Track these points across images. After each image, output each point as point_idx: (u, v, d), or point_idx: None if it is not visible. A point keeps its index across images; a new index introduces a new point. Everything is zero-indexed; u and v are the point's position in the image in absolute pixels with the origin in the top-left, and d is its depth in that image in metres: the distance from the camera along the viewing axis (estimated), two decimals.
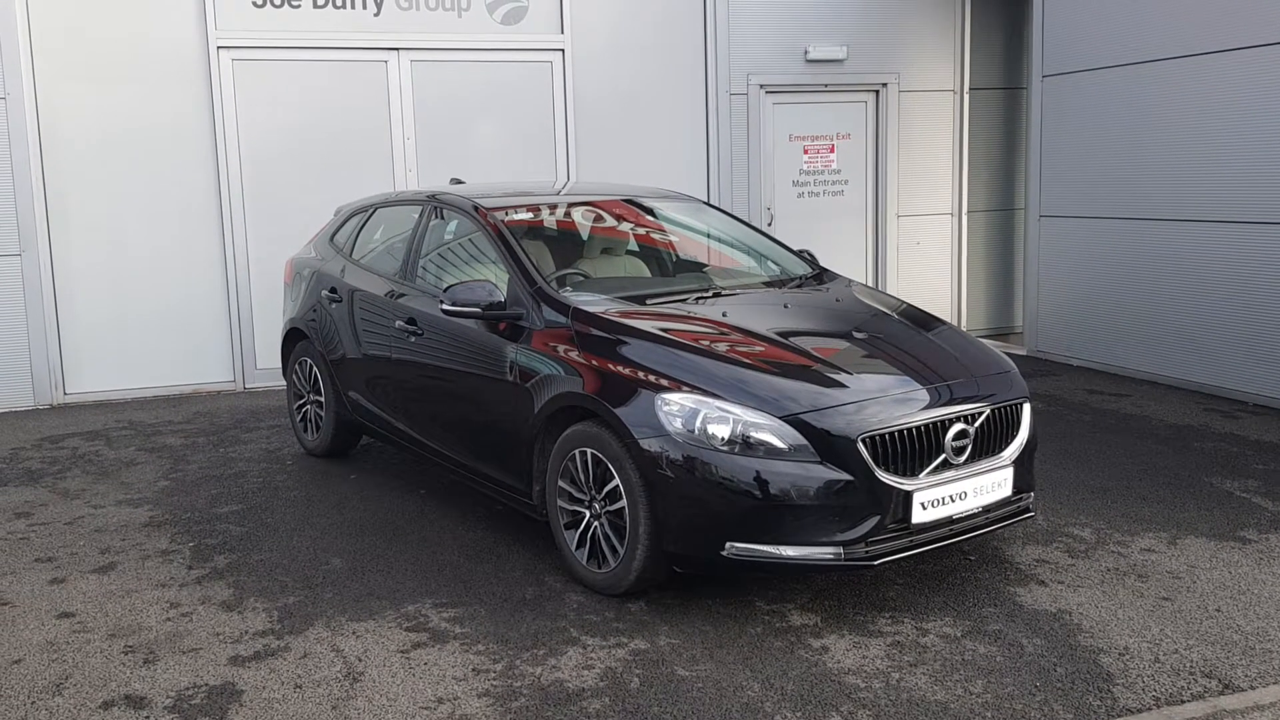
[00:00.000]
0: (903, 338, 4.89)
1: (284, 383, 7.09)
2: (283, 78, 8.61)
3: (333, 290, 6.29)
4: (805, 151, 10.09)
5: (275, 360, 7.46)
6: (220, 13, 8.38)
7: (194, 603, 4.47)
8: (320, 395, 6.48)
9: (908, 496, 4.08)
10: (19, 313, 8.10)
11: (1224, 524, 5.15)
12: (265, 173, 8.65)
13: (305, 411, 6.69)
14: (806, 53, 9.78)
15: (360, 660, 3.93)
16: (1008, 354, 5.57)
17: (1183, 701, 3.56)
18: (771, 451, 4.02)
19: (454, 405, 5.31)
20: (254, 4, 8.44)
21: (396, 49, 8.81)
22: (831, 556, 4.03)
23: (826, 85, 9.98)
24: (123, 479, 6.28)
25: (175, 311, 8.55)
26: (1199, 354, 7.89)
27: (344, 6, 8.63)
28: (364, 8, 8.68)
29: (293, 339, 6.81)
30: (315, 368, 6.49)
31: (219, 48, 8.39)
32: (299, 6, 8.53)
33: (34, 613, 4.41)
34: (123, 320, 8.45)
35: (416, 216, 6.00)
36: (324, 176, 8.68)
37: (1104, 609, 4.24)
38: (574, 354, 4.54)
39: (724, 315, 4.82)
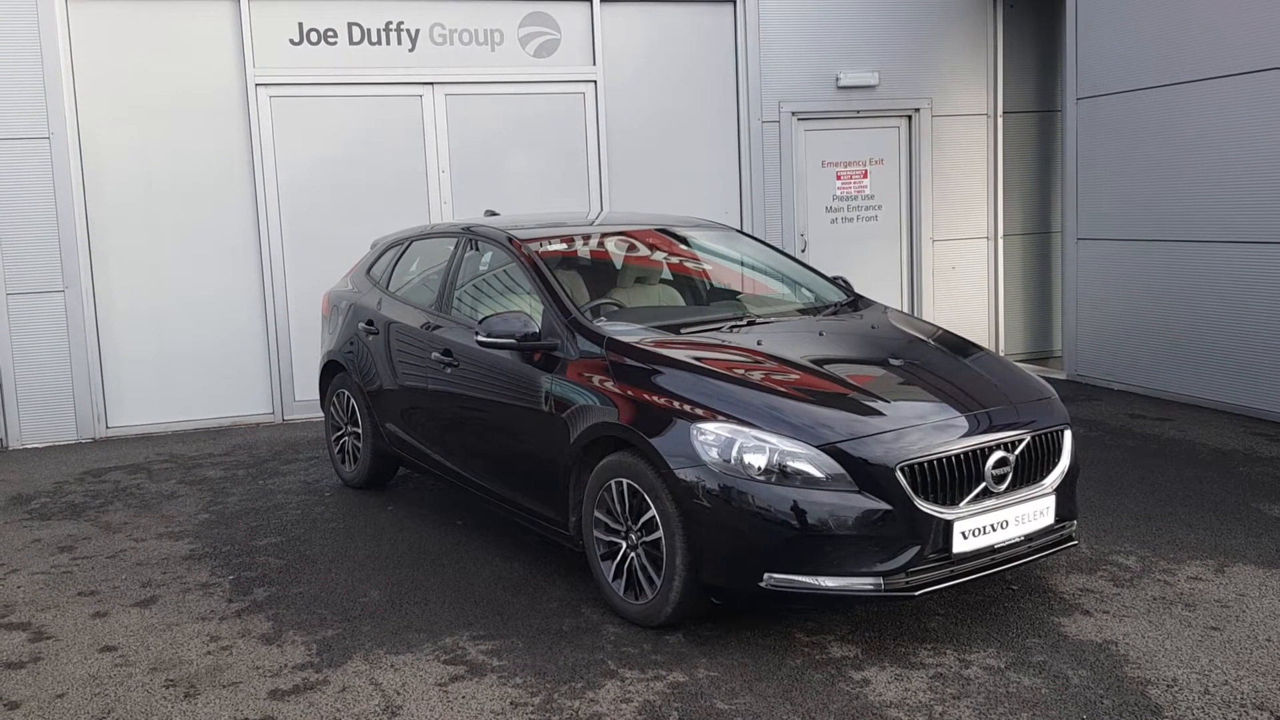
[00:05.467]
0: (940, 364, 4.85)
1: (322, 415, 7.15)
2: (320, 114, 8.73)
3: (369, 323, 6.34)
4: (838, 177, 10.08)
5: (313, 392, 7.52)
6: (258, 51, 8.52)
7: (234, 636, 4.49)
8: (358, 427, 6.52)
9: (948, 526, 4.04)
10: (62, 347, 8.23)
11: (1272, 551, 5.04)
12: (303, 207, 8.77)
13: (343, 443, 6.74)
14: (838, 79, 9.79)
15: (399, 693, 3.92)
16: (1047, 379, 5.51)
17: None
18: (809, 481, 3.99)
19: (490, 436, 5.32)
20: (291, 42, 8.58)
21: (431, 83, 8.92)
22: (871, 587, 3.98)
23: (859, 111, 9.98)
24: (164, 512, 6.34)
25: (215, 345, 8.66)
26: (1242, 376, 7.77)
27: (379, 43, 8.76)
28: (399, 43, 8.80)
29: (330, 371, 6.87)
30: (353, 400, 6.54)
31: (257, 85, 8.53)
32: (335, 43, 8.66)
33: (77, 647, 4.45)
34: (163, 354, 8.56)
35: (452, 249, 6.05)
36: (361, 210, 8.78)
37: (1151, 639, 4.16)
38: (609, 384, 4.54)
39: (759, 344, 4.81)
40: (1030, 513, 4.28)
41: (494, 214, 6.94)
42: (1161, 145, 8.28)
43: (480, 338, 5.03)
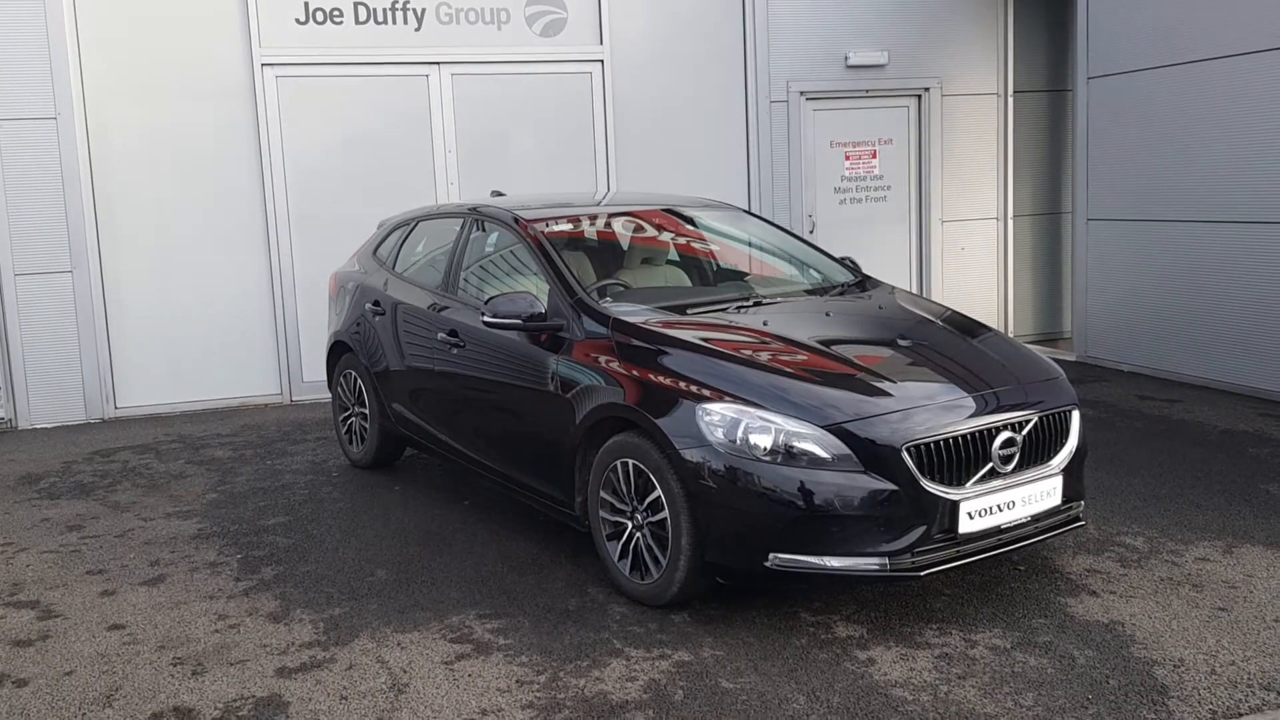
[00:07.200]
0: (948, 345, 4.83)
1: (329, 395, 7.16)
2: (326, 94, 8.71)
3: (376, 303, 6.34)
4: (847, 158, 10.03)
5: (321, 373, 7.53)
6: (264, 31, 8.50)
7: (241, 614, 4.51)
8: (365, 407, 6.53)
9: (954, 506, 4.03)
10: (71, 328, 8.25)
11: None
12: (309, 187, 8.75)
13: (350, 424, 6.74)
14: (847, 59, 9.73)
15: (405, 671, 3.94)
16: (1056, 360, 5.48)
17: (1240, 715, 3.47)
18: (814, 461, 3.98)
19: (496, 417, 5.32)
20: (297, 21, 8.55)
21: (437, 63, 8.88)
22: (877, 567, 3.98)
23: (868, 91, 9.92)
24: (172, 491, 6.37)
25: (223, 326, 8.67)
26: (1252, 357, 7.73)
27: (385, 22, 8.72)
28: (405, 22, 8.76)
29: (337, 352, 6.87)
30: (360, 380, 6.54)
31: (263, 65, 8.51)
32: (341, 23, 8.63)
33: (85, 625, 4.47)
34: (171, 335, 8.58)
35: (458, 229, 6.04)
36: (367, 190, 8.77)
37: (1158, 620, 4.15)
38: (615, 364, 4.53)
39: (765, 324, 4.79)
40: (1037, 493, 4.27)
41: (500, 194, 6.92)
42: (1172, 125, 8.22)
43: (486, 318, 5.02)
